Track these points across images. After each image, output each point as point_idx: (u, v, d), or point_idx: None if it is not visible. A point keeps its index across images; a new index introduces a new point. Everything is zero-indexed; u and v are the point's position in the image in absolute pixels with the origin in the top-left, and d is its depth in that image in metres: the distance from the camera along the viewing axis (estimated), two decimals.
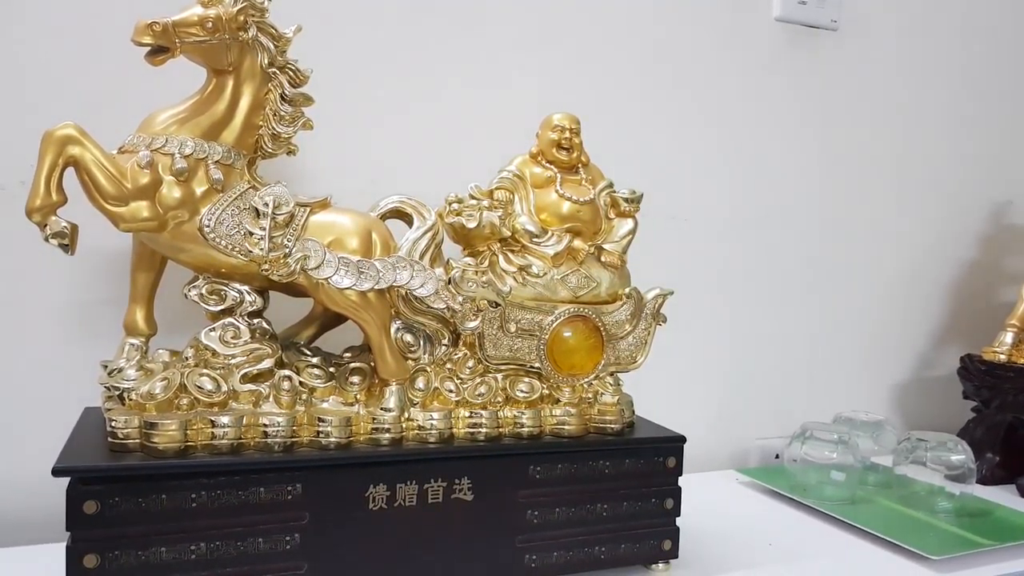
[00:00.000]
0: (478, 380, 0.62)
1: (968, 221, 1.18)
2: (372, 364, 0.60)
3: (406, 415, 0.59)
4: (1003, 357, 0.96)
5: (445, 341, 0.62)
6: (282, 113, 0.59)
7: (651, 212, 0.74)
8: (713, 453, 0.99)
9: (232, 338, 0.57)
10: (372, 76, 0.81)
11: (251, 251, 0.55)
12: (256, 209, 0.56)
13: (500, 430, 0.62)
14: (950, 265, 1.17)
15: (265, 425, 0.54)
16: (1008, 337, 0.97)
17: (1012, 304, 1.03)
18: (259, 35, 0.57)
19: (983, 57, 1.16)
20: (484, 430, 0.61)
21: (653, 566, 0.66)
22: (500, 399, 0.63)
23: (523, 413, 0.62)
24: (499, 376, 0.63)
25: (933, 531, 0.78)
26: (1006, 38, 1.17)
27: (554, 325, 0.64)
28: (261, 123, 0.59)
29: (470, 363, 0.62)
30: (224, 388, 0.55)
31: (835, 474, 0.86)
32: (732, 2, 0.98)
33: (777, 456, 1.00)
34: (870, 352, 1.12)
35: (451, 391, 0.61)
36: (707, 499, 0.84)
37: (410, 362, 0.61)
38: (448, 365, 0.62)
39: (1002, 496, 0.91)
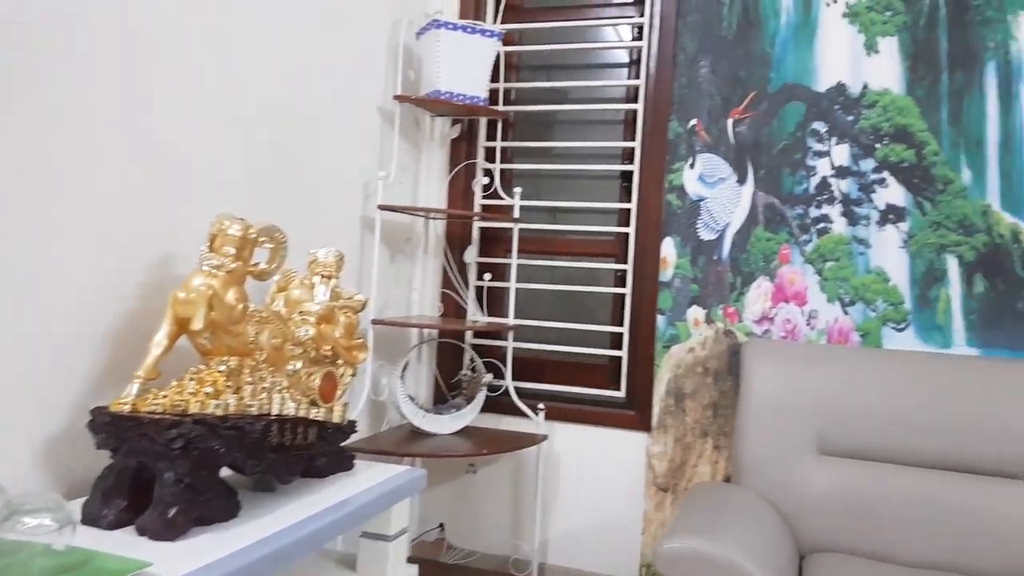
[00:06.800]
0: None
1: (133, 273, 1.26)
2: None
3: None
4: (128, 408, 1.03)
5: None
6: None
7: None
8: None
9: None
10: None
11: None
12: None
13: None
14: (115, 316, 1.23)
15: None
16: (135, 389, 1.05)
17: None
18: None
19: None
20: None
21: None
22: None
23: None
24: None
25: None
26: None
27: None
28: None
29: None
30: None
31: None
32: None
33: None
34: (19, 408, 1.08)
35: None
36: None
37: None
38: None
39: (126, 538, 0.98)
